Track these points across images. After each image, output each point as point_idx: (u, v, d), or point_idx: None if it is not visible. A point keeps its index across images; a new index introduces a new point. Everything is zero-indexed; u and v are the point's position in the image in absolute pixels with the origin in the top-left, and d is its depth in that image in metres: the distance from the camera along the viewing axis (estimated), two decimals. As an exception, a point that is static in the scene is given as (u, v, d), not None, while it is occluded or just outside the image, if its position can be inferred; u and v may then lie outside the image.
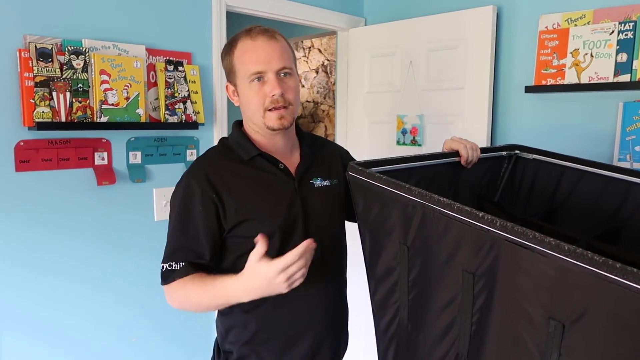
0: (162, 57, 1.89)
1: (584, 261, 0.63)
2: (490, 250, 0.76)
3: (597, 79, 1.83)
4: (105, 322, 1.86)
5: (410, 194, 0.88)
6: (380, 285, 1.02)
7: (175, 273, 1.16)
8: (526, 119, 2.08)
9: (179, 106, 1.90)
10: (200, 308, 1.18)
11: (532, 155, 1.34)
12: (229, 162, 1.23)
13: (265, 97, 1.18)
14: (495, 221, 0.74)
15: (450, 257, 0.83)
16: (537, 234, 0.69)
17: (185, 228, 1.18)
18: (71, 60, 1.61)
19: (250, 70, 1.18)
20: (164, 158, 1.95)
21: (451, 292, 0.84)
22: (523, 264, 0.71)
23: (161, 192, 1.96)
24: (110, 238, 1.84)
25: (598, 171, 1.21)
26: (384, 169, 1.04)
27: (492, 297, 0.78)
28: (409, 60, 2.38)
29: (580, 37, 1.86)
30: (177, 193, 1.21)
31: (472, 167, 1.27)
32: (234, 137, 1.28)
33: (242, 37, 1.20)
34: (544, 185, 1.32)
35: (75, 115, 1.63)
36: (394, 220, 0.93)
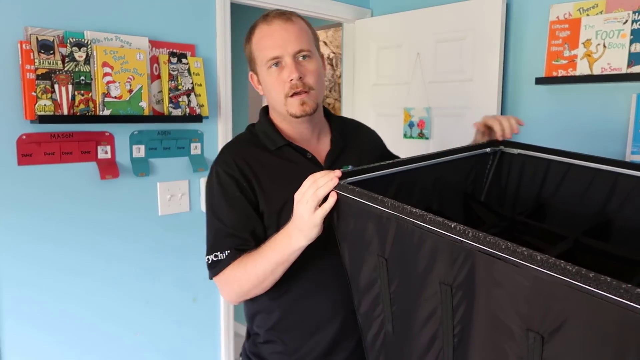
0: (165, 49, 1.86)
1: (557, 271, 0.60)
2: (465, 262, 0.73)
3: (610, 70, 1.78)
4: (109, 316, 1.84)
5: (382, 205, 0.84)
6: (363, 298, 0.99)
7: (222, 262, 1.12)
8: (536, 112, 2.04)
9: (182, 99, 1.87)
10: (259, 279, 1.09)
11: (517, 150, 1.30)
12: (256, 150, 1.20)
13: (284, 82, 1.15)
14: (467, 232, 0.71)
15: (427, 268, 0.80)
16: (510, 244, 0.66)
17: (224, 216, 1.15)
18: (73, 53, 1.59)
19: (267, 55, 1.15)
20: (167, 152, 1.93)
21: (431, 304, 0.82)
22: (497, 275, 0.69)
23: (165, 186, 1.93)
24: (113, 233, 1.82)
25: (584, 163, 1.18)
26: (361, 178, 1.00)
27: (472, 309, 0.75)
28: (416, 52, 2.34)
29: (593, 27, 1.82)
30: (211, 183, 1.19)
31: (457, 166, 1.24)
32: (260, 124, 1.25)
33: (259, 23, 1.18)
34: (530, 181, 1.28)
35: (78, 108, 1.61)
36: (370, 232, 0.90)
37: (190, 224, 2.03)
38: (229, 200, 1.14)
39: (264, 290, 1.11)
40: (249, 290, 1.11)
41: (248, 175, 1.15)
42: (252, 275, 1.08)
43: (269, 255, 1.05)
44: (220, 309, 2.17)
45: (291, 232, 1.00)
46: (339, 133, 1.30)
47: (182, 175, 1.99)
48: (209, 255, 1.15)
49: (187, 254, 2.03)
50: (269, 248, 1.05)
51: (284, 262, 1.04)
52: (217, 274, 1.13)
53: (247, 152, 1.19)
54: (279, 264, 1.05)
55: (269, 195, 1.15)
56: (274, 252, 1.04)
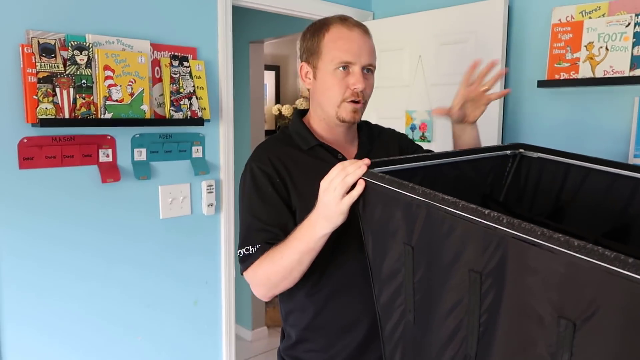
0: (167, 52, 1.86)
1: (594, 257, 0.60)
2: (497, 249, 0.73)
3: (613, 73, 1.78)
4: (111, 319, 1.84)
5: (413, 192, 0.85)
6: (385, 287, 0.99)
7: (252, 256, 1.14)
8: (538, 115, 2.03)
9: (184, 102, 1.87)
10: (286, 270, 1.09)
11: (537, 153, 1.31)
12: (289, 149, 1.23)
13: (347, 87, 1.18)
14: (502, 218, 0.71)
15: (456, 256, 0.81)
16: (546, 230, 0.66)
17: (257, 210, 1.17)
18: (74, 56, 1.59)
19: (341, 57, 1.17)
20: (169, 155, 1.93)
21: (458, 293, 0.82)
22: (531, 261, 0.69)
23: (166, 189, 1.93)
24: (115, 236, 1.82)
25: (604, 168, 1.18)
26: (386, 169, 1.01)
27: (501, 297, 0.75)
28: (418, 55, 2.33)
29: (595, 29, 1.81)
30: (245, 178, 1.21)
31: (477, 166, 1.25)
32: (294, 126, 1.28)
33: (337, 23, 1.19)
34: (549, 184, 1.29)
35: (79, 111, 1.61)
36: (398, 220, 0.91)
37: (191, 227, 2.03)
38: (261, 195, 1.17)
39: (293, 283, 1.12)
40: (277, 282, 1.12)
41: (281, 172, 1.18)
42: (279, 266, 1.09)
43: (294, 245, 1.06)
44: (222, 312, 2.17)
45: (315, 220, 1.02)
46: (366, 136, 1.34)
47: (184, 179, 1.99)
48: (241, 249, 1.17)
49: (188, 257, 2.03)
50: (294, 238, 1.07)
51: (310, 250, 1.05)
52: (248, 267, 1.15)
53: (281, 151, 1.22)
54: (305, 253, 1.06)
55: (301, 192, 1.17)
56: (299, 241, 1.05)
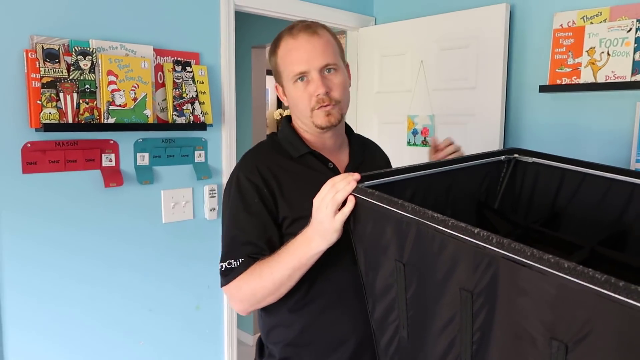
0: (169, 57, 1.87)
1: (585, 279, 0.59)
2: (487, 268, 0.73)
3: (614, 78, 1.78)
4: (113, 323, 1.84)
5: (403, 209, 0.84)
6: (378, 303, 0.99)
7: (235, 270, 1.10)
8: (540, 120, 2.04)
9: (186, 107, 1.87)
10: (275, 285, 1.07)
11: (532, 158, 1.30)
12: (278, 157, 1.20)
13: (311, 96, 1.16)
14: (491, 238, 0.70)
15: (447, 274, 0.80)
16: (536, 251, 0.65)
17: (242, 222, 1.13)
18: (78, 61, 1.60)
19: (293, 70, 1.16)
20: (171, 159, 1.93)
21: (450, 310, 0.81)
22: (522, 282, 0.68)
23: (169, 193, 1.94)
24: (118, 240, 1.82)
25: (600, 173, 1.17)
26: (377, 182, 1.00)
27: (493, 316, 0.75)
28: (419, 60, 2.34)
29: (597, 35, 1.82)
30: (230, 188, 1.18)
31: (470, 173, 1.24)
32: (283, 132, 1.26)
33: (285, 36, 1.19)
34: (544, 190, 1.28)
35: (83, 116, 1.61)
36: (389, 236, 0.90)
37: (193, 231, 2.03)
38: (247, 207, 1.13)
39: (277, 298, 1.10)
40: (262, 298, 1.10)
41: (270, 182, 1.15)
42: (267, 281, 1.06)
43: (286, 260, 1.04)
44: (224, 317, 2.17)
45: (311, 237, 1.01)
46: (359, 147, 1.33)
47: (186, 183, 2.00)
48: (223, 263, 1.13)
49: (191, 262, 2.03)
50: (286, 253, 1.05)
51: (302, 266, 1.04)
52: (230, 281, 1.11)
53: (270, 159, 1.19)
54: (297, 269, 1.04)
55: (290, 201, 1.15)
56: (292, 256, 1.04)
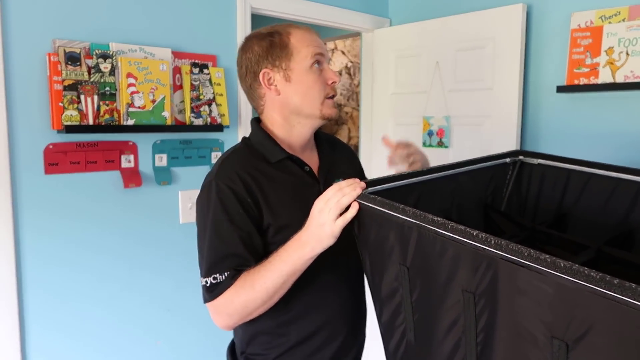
0: (187, 59, 1.89)
1: (580, 278, 0.60)
2: (487, 270, 0.73)
3: (634, 78, 1.76)
4: (131, 322, 1.87)
5: (404, 214, 0.85)
6: (385, 306, 0.99)
7: (222, 284, 1.04)
8: (558, 120, 2.02)
9: (204, 109, 1.90)
10: (268, 294, 1.02)
11: (537, 160, 1.29)
12: (256, 162, 1.14)
13: (325, 84, 1.16)
14: (489, 239, 0.71)
15: (449, 277, 0.81)
16: (532, 251, 0.66)
17: (225, 234, 1.06)
18: (99, 64, 1.63)
19: (314, 50, 1.14)
20: (189, 160, 1.96)
21: (454, 312, 0.82)
22: (521, 282, 0.69)
23: (187, 194, 1.96)
24: (136, 240, 1.85)
25: (606, 173, 1.17)
26: (381, 188, 1.00)
27: (495, 317, 0.75)
28: (435, 61, 2.34)
29: (615, 34, 1.80)
30: (209, 197, 1.09)
31: (476, 177, 1.24)
32: (257, 137, 1.20)
33: (291, 27, 1.17)
34: (550, 191, 1.27)
35: (103, 118, 1.65)
36: (392, 241, 0.90)
37: (210, 232, 2.05)
38: (230, 217, 1.07)
39: (267, 309, 1.05)
40: (254, 309, 1.04)
41: (252, 190, 1.09)
42: (260, 292, 1.01)
43: (279, 267, 1.00)
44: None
45: (306, 241, 0.98)
46: (328, 146, 1.30)
47: (203, 184, 2.02)
48: (207, 278, 1.05)
49: (208, 262, 2.05)
50: (279, 260, 1.01)
51: (296, 272, 1.01)
52: (216, 297, 1.04)
53: (249, 165, 1.13)
54: (291, 275, 1.01)
55: (274, 209, 1.10)
56: (285, 263, 1.00)
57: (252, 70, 1.16)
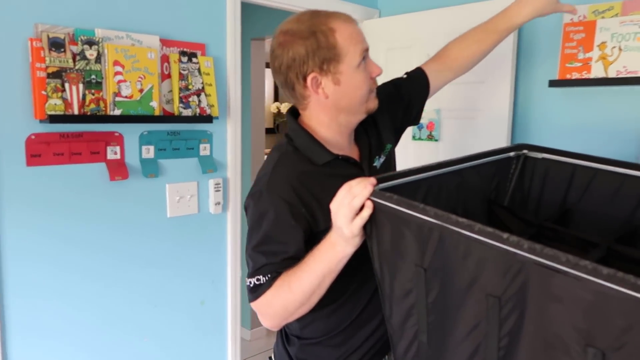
0: (175, 48, 1.82)
1: (627, 287, 0.58)
2: (518, 274, 0.70)
3: (626, 73, 1.77)
4: (117, 319, 1.81)
5: (425, 214, 0.81)
6: (396, 307, 0.96)
7: (263, 286, 1.06)
8: (549, 115, 2.03)
9: (193, 99, 1.84)
10: (305, 295, 1.03)
11: (542, 154, 1.27)
12: (306, 166, 1.12)
13: (369, 78, 1.14)
14: (522, 243, 0.68)
15: (472, 280, 0.78)
16: (571, 256, 0.63)
17: (274, 247, 1.08)
18: (84, 51, 1.55)
19: (363, 48, 1.11)
20: (177, 152, 1.90)
21: (475, 317, 0.79)
22: (555, 289, 0.66)
23: (174, 187, 1.90)
24: (122, 234, 1.79)
25: (612, 169, 1.16)
26: (390, 184, 0.97)
27: (522, 323, 0.72)
28: (426, 53, 2.31)
29: (608, 29, 1.80)
30: (260, 207, 1.09)
31: (480, 171, 1.22)
32: (300, 138, 1.16)
33: (333, 20, 1.09)
34: (555, 186, 1.26)
35: (88, 107, 1.57)
36: (408, 241, 0.87)
37: (198, 226, 2.00)
38: (281, 228, 1.07)
39: (310, 308, 1.06)
40: (294, 310, 1.06)
41: (305, 198, 1.08)
42: (297, 293, 1.03)
43: (314, 268, 1.01)
44: (228, 313, 2.14)
45: (335, 241, 0.97)
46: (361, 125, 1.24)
47: (191, 177, 1.96)
48: (251, 279, 1.08)
49: (195, 257, 2.00)
50: (313, 261, 1.01)
51: (331, 272, 1.01)
52: (258, 297, 1.07)
53: (299, 170, 1.11)
54: (326, 275, 1.01)
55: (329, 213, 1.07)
56: (319, 263, 1.00)
57: (296, 72, 1.10)
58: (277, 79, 1.16)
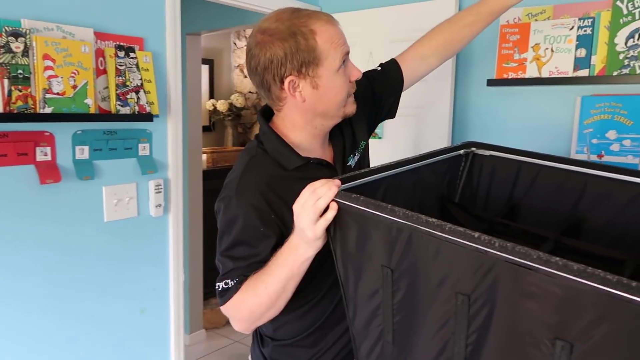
0: (111, 41, 1.71)
1: (596, 281, 0.60)
2: (488, 272, 0.72)
3: (558, 74, 1.87)
4: (52, 334, 1.68)
5: (394, 215, 0.81)
6: (360, 308, 0.95)
7: (231, 290, 1.05)
8: (488, 113, 2.10)
9: (131, 96, 1.73)
10: (271, 299, 1.01)
11: (489, 152, 1.32)
12: (276, 170, 1.10)
13: (348, 82, 1.11)
14: (493, 242, 0.69)
15: (442, 279, 0.78)
16: (542, 254, 0.65)
17: (243, 250, 1.07)
18: (9, 43, 1.42)
19: (343, 51, 1.08)
20: (114, 153, 1.78)
21: (444, 315, 0.80)
22: (526, 285, 0.68)
23: (111, 190, 1.79)
24: (56, 243, 1.65)
25: (555, 165, 1.22)
26: (353, 184, 0.96)
27: (491, 319, 0.74)
28: (369, 52, 2.33)
29: (541, 32, 1.90)
30: (231, 212, 1.07)
31: (434, 169, 1.25)
32: (271, 142, 1.13)
33: (313, 22, 1.05)
34: (502, 182, 1.31)
35: (15, 105, 1.44)
36: (375, 242, 0.87)
37: (138, 229, 1.90)
38: (251, 235, 1.06)
39: (278, 312, 1.05)
40: (261, 314, 1.05)
41: (275, 203, 1.06)
42: (263, 296, 1.02)
43: (277, 271, 0.99)
44: (170, 319, 2.05)
45: (297, 244, 0.96)
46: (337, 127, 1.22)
47: (130, 178, 1.85)
48: (220, 283, 1.07)
49: (135, 263, 1.90)
50: (276, 265, 1.00)
51: (294, 275, 0.99)
52: (226, 301, 1.06)
53: (269, 175, 1.09)
54: (290, 279, 0.99)
55: None
56: (282, 267, 0.98)
57: (273, 73, 1.06)
58: (252, 79, 1.12)
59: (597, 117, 1.81)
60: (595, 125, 1.82)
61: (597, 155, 1.81)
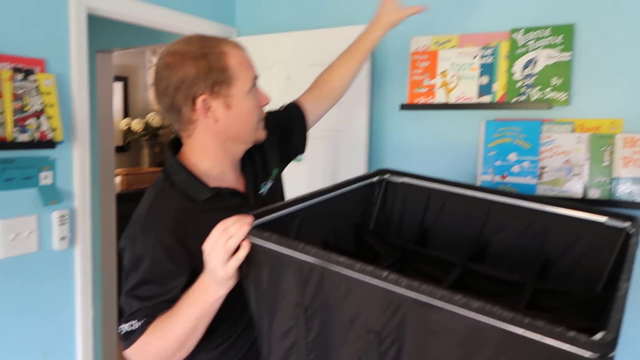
0: (7, 63, 1.58)
1: (495, 317, 0.64)
2: (397, 310, 0.74)
3: (464, 99, 1.98)
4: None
5: (305, 253, 0.81)
6: (275, 347, 0.94)
7: (136, 332, 0.99)
8: (401, 136, 2.18)
9: (30, 122, 1.61)
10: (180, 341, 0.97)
11: (401, 178, 1.37)
12: (185, 204, 1.07)
13: (259, 106, 1.12)
14: (400, 280, 0.71)
15: (353, 317, 0.79)
16: (445, 292, 0.68)
17: (150, 289, 1.02)
18: None
19: (253, 74, 1.10)
20: (11, 183, 1.64)
21: (356, 352, 0.81)
22: (431, 323, 0.71)
23: (9, 223, 1.64)
24: (-60, 285, 1.49)
25: (461, 191, 1.29)
26: (267, 219, 0.96)
27: (400, 356, 0.76)
28: (286, 75, 2.34)
29: (448, 59, 2.00)
30: (137, 251, 1.02)
31: (348, 197, 1.27)
32: (179, 175, 1.10)
33: (223, 45, 1.07)
34: (414, 209, 1.36)
35: None
36: (288, 281, 0.86)
37: (40, 266, 1.75)
38: (158, 273, 1.02)
39: (188, 353, 1.00)
40: (169, 357, 0.99)
41: (185, 239, 1.03)
42: (171, 339, 0.96)
43: (186, 312, 0.95)
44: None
45: (208, 284, 0.93)
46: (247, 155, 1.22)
47: (30, 210, 1.71)
48: (124, 325, 1.02)
49: (37, 302, 1.75)
50: (187, 305, 0.95)
51: (205, 315, 0.95)
52: (130, 345, 1.00)
53: (177, 209, 1.05)
54: (200, 320, 0.95)
55: None
56: (192, 307, 0.95)
57: (185, 93, 1.04)
58: (161, 102, 1.08)
59: (500, 140, 1.93)
60: (498, 148, 1.94)
61: (501, 177, 1.93)
